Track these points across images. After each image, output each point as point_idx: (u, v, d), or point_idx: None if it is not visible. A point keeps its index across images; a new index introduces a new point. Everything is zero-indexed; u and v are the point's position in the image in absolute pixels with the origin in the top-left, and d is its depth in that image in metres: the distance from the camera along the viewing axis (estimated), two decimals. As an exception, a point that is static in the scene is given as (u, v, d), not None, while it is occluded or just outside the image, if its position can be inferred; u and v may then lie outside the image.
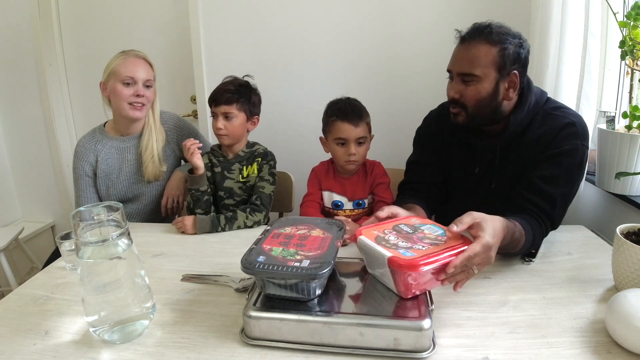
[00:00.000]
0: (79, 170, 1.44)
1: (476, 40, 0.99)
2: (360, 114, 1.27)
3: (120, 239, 0.72)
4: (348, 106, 1.28)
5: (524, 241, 0.93)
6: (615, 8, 1.22)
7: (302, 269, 0.70)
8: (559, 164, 0.99)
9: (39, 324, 0.79)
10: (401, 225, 0.85)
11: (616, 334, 0.68)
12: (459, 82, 1.03)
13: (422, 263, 0.70)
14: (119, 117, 1.44)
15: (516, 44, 0.99)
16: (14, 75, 2.17)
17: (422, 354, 0.67)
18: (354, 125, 1.25)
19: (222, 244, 1.17)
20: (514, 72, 1.00)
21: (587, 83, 1.33)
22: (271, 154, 1.42)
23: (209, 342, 0.73)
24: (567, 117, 1.01)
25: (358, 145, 1.27)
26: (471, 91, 1.01)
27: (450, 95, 1.05)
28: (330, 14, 1.84)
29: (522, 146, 1.05)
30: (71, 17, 2.12)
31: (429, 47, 1.79)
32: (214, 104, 1.33)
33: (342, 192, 1.34)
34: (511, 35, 0.99)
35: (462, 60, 1.01)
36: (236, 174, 1.38)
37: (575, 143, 0.99)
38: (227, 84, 1.35)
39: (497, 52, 0.98)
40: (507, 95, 1.02)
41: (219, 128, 1.32)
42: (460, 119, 1.07)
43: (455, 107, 1.06)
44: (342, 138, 1.27)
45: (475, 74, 0.99)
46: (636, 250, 0.78)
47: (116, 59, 1.37)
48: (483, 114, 1.03)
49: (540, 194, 0.99)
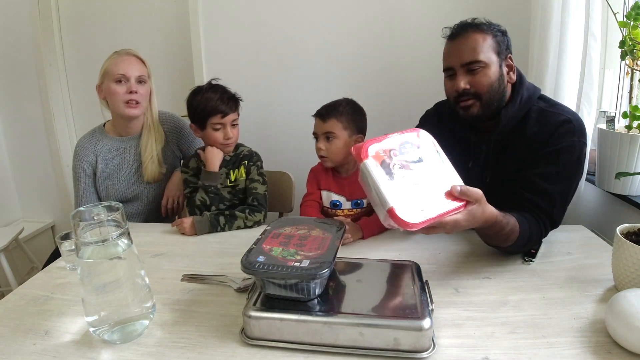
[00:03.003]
0: (79, 170, 1.44)
1: (468, 32, 1.02)
2: (330, 111, 1.28)
3: (120, 239, 0.72)
4: (327, 104, 1.31)
5: (515, 237, 0.93)
6: (615, 8, 1.22)
7: (302, 269, 0.70)
8: (556, 162, 0.99)
9: (39, 324, 0.79)
10: (408, 162, 0.81)
11: (616, 334, 0.68)
12: (465, 73, 1.03)
13: (419, 223, 0.73)
14: (117, 117, 1.44)
15: (502, 31, 1.04)
16: (14, 75, 2.17)
17: (422, 354, 0.67)
18: (322, 120, 1.28)
19: (222, 244, 1.17)
20: (509, 56, 1.04)
21: (587, 83, 1.33)
22: (256, 154, 1.41)
23: (209, 342, 0.73)
24: (563, 114, 1.02)
25: (326, 140, 1.28)
26: (481, 77, 1.01)
27: (461, 87, 1.03)
28: (331, 15, 1.84)
29: (518, 143, 1.05)
30: (71, 17, 2.12)
31: (428, 48, 1.78)
32: (221, 115, 1.30)
33: (341, 191, 1.34)
34: (494, 25, 1.05)
35: (462, 51, 1.02)
36: (223, 178, 1.36)
37: (572, 140, 0.99)
38: (214, 92, 1.30)
39: (492, 39, 1.02)
40: (510, 77, 1.05)
41: (231, 137, 1.33)
42: (474, 110, 1.04)
43: (467, 99, 1.04)
44: (314, 132, 1.32)
45: (480, 59, 1.00)
46: (636, 250, 0.78)
47: (108, 60, 1.38)
48: (495, 99, 1.04)
49: (539, 192, 0.99)
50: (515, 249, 0.98)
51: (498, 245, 0.99)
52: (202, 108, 1.30)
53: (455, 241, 1.12)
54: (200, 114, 1.31)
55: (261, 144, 1.59)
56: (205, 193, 1.31)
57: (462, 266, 0.99)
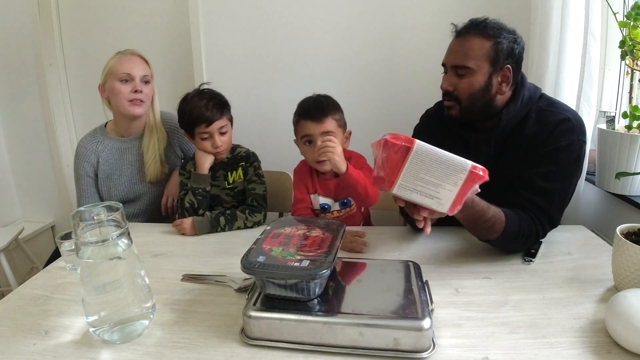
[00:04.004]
0: (80, 170, 1.44)
1: (471, 34, 1.01)
2: (323, 109, 1.21)
3: (120, 239, 0.72)
4: (311, 103, 1.24)
5: (501, 228, 0.94)
6: (615, 8, 1.22)
7: (302, 269, 0.70)
8: (556, 161, 0.99)
9: (39, 324, 0.79)
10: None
11: (616, 334, 0.68)
12: (453, 74, 1.04)
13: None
14: (120, 117, 1.44)
15: (510, 40, 1.00)
16: (14, 75, 2.16)
17: (422, 354, 0.67)
18: (317, 122, 1.20)
19: (222, 244, 1.17)
20: (507, 67, 1.01)
21: (587, 83, 1.32)
22: (254, 155, 1.39)
23: (208, 342, 0.73)
24: (562, 113, 1.02)
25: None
26: (464, 84, 1.02)
27: (444, 88, 1.06)
28: (330, 13, 1.84)
29: (518, 142, 1.05)
30: (71, 17, 2.12)
31: (427, 46, 1.79)
32: (205, 124, 1.25)
33: (327, 193, 1.30)
34: (506, 30, 1.01)
35: (456, 53, 1.02)
36: (221, 180, 1.35)
37: (572, 138, 0.99)
38: (200, 100, 1.26)
39: (491, 46, 0.99)
40: (500, 89, 1.03)
41: (219, 146, 1.28)
42: (453, 112, 1.07)
43: (449, 100, 1.07)
44: (307, 135, 1.22)
45: (468, 66, 1.00)
46: (636, 251, 0.78)
47: (112, 60, 1.38)
48: (476, 107, 1.04)
49: (538, 191, 0.99)
50: (505, 243, 0.99)
51: (487, 239, 0.99)
52: (187, 117, 1.28)
53: (455, 241, 1.12)
54: (186, 124, 1.29)
55: (261, 143, 1.59)
56: (194, 195, 1.30)
57: (462, 266, 0.99)
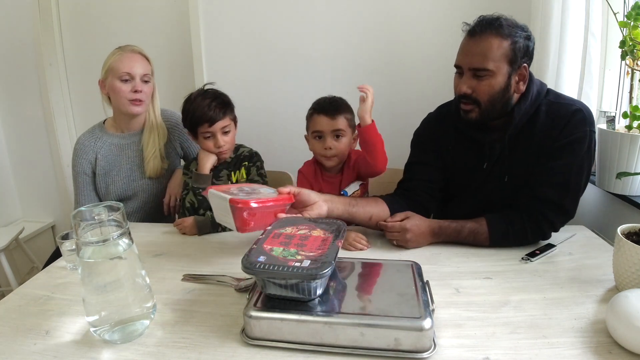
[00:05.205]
0: (78, 167, 1.44)
1: (487, 34, 0.98)
2: (338, 107, 1.25)
3: (121, 238, 0.72)
4: (326, 100, 1.28)
5: (486, 237, 1.04)
6: (616, 8, 1.22)
7: (303, 269, 0.70)
8: (571, 152, 1.00)
9: (39, 324, 0.79)
10: (245, 188, 1.04)
11: (617, 335, 0.68)
12: (471, 77, 1.01)
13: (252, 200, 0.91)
14: (119, 114, 1.44)
15: (525, 37, 0.99)
16: (14, 75, 2.16)
17: (422, 354, 0.67)
18: (330, 118, 1.24)
19: (223, 244, 1.17)
20: (524, 65, 1.00)
21: (587, 83, 1.33)
22: (257, 155, 1.39)
23: (209, 342, 0.73)
24: (574, 104, 1.02)
25: (335, 138, 1.25)
26: (484, 86, 1.00)
27: (463, 91, 1.02)
28: (332, 15, 1.84)
29: (531, 136, 1.04)
30: (71, 17, 2.12)
31: (430, 49, 1.78)
32: (208, 124, 1.26)
33: (332, 191, 1.31)
34: (519, 28, 1.00)
35: (474, 54, 0.99)
36: (224, 180, 1.35)
37: (585, 130, 1.00)
38: (203, 99, 1.27)
39: (509, 46, 0.97)
40: (518, 88, 1.02)
41: (222, 145, 1.29)
42: (472, 115, 1.05)
43: (467, 104, 1.04)
44: (318, 131, 1.26)
45: (488, 68, 0.97)
46: (637, 251, 0.78)
47: (113, 56, 1.37)
48: (495, 108, 1.03)
49: (554, 184, 1.01)
50: (499, 246, 1.05)
51: (481, 246, 1.06)
52: (190, 117, 1.29)
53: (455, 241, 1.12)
54: (189, 123, 1.30)
55: (261, 144, 1.59)
56: (194, 195, 1.30)
57: (462, 266, 0.99)
